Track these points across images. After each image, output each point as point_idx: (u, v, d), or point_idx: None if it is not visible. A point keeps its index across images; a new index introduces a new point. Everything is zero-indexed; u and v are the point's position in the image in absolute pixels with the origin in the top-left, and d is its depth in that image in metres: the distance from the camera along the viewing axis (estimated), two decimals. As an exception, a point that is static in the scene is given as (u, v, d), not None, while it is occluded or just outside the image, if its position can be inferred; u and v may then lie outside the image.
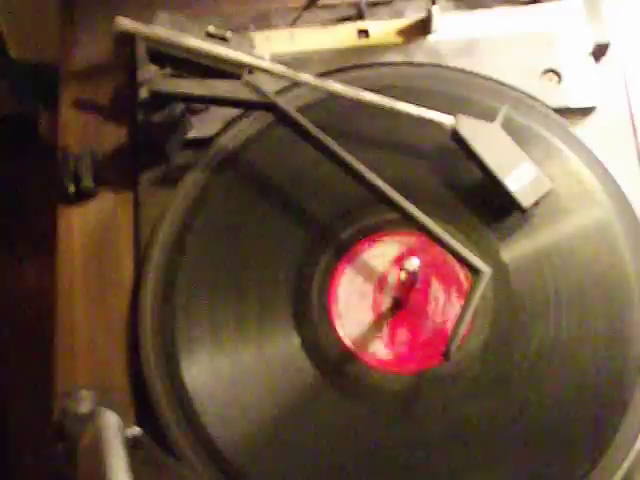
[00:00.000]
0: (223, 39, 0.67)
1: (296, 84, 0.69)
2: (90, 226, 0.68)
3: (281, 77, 0.67)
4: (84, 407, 0.52)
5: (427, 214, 0.63)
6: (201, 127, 0.70)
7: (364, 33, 0.74)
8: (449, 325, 0.62)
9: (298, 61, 0.72)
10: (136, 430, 0.52)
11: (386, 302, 0.64)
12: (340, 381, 0.62)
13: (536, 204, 0.65)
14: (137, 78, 0.71)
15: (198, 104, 0.69)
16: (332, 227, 0.66)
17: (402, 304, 0.64)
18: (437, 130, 0.66)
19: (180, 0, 0.75)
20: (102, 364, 0.64)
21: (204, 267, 0.65)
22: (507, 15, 0.74)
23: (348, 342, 0.63)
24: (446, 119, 0.66)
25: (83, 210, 0.69)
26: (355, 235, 0.66)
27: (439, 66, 0.72)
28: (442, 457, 0.60)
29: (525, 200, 0.64)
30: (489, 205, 0.66)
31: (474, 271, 0.61)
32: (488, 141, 0.65)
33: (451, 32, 0.73)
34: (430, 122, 0.66)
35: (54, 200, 0.69)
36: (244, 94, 0.66)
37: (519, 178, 0.64)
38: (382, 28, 0.74)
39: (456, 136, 0.66)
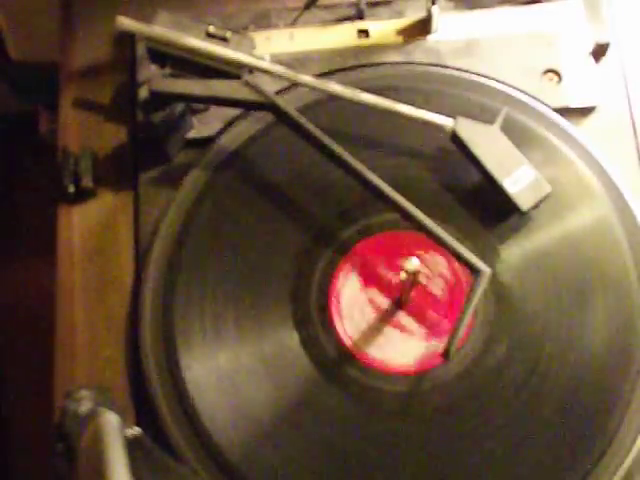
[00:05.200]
0: (223, 39, 0.67)
1: (296, 84, 0.69)
2: (90, 226, 0.68)
3: (281, 77, 0.67)
4: (84, 407, 0.52)
5: (427, 214, 0.63)
6: (201, 127, 0.70)
7: (364, 33, 0.74)
8: (449, 325, 0.62)
9: (298, 61, 0.72)
10: (136, 430, 0.52)
11: (386, 302, 0.64)
12: (340, 381, 0.62)
13: (535, 207, 0.65)
14: (137, 78, 0.71)
15: (198, 104, 0.69)
16: (332, 227, 0.66)
17: (402, 304, 0.64)
18: (437, 131, 0.66)
19: (180, 0, 0.75)
20: (102, 364, 0.64)
21: (204, 267, 0.65)
22: (507, 15, 0.74)
23: (348, 342, 0.63)
24: (446, 121, 0.66)
25: (83, 210, 0.69)
26: (355, 235, 0.66)
27: (439, 66, 0.72)
28: (442, 457, 0.60)
29: (524, 203, 0.64)
30: (489, 205, 0.66)
31: (474, 271, 0.61)
32: (487, 144, 0.65)
33: (451, 32, 0.73)
34: (430, 123, 0.66)
35: (54, 200, 0.69)
36: (244, 94, 0.66)
37: (518, 181, 0.64)
38: (382, 28, 0.74)
39: (455, 138, 0.66)
